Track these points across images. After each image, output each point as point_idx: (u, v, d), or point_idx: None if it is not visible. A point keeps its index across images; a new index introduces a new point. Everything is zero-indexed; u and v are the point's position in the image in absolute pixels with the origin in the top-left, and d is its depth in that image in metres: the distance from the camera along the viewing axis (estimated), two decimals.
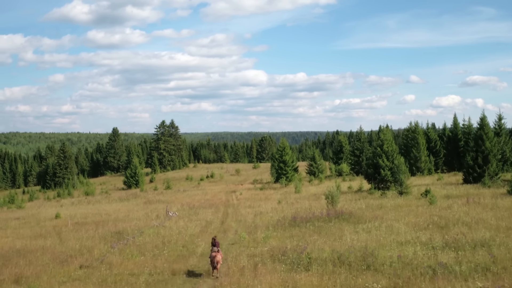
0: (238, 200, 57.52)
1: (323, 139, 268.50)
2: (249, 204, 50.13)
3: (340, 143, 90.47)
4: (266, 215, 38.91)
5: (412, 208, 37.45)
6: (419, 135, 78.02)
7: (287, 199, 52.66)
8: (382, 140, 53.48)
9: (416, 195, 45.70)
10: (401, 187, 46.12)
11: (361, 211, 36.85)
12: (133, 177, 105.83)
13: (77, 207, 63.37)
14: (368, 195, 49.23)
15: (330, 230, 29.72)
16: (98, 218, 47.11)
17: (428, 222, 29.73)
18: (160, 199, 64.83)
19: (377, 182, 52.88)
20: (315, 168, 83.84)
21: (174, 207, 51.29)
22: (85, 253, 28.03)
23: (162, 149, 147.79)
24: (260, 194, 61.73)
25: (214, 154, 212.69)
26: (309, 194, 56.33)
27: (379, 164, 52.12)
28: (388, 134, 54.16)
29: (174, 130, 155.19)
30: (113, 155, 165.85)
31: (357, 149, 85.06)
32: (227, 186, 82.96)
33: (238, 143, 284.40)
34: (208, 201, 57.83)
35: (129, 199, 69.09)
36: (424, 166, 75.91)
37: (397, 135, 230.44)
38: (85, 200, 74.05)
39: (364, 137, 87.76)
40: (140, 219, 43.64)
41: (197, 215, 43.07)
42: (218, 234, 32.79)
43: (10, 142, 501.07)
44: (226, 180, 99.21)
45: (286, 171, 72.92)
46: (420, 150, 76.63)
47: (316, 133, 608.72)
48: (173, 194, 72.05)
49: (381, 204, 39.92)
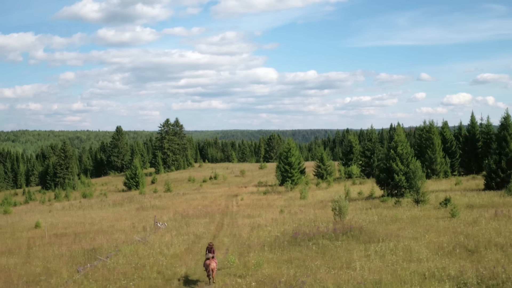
0: (238, 207, 52.85)
1: (333, 137, 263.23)
2: (248, 213, 45.38)
3: (350, 143, 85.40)
4: (264, 229, 34.10)
5: (432, 221, 32.53)
6: (434, 135, 72.88)
7: (290, 207, 47.87)
8: (395, 142, 48.46)
9: (434, 204, 40.75)
10: (417, 194, 41.13)
11: (373, 226, 31.96)
12: (133, 178, 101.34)
13: (65, 213, 58.94)
14: (380, 203, 44.30)
15: (337, 253, 24.92)
16: (81, 228, 42.56)
17: (453, 244, 24.81)
18: (155, 204, 60.23)
19: (390, 188, 47.92)
20: (323, 170, 78.92)
21: (165, 216, 46.62)
22: (43, 280, 23.43)
23: (166, 149, 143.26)
24: (262, 200, 56.98)
25: (221, 153, 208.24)
26: (315, 201, 51.47)
27: (392, 168, 47.15)
28: (401, 135, 49.13)
29: (179, 129, 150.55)
30: (117, 154, 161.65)
31: (367, 150, 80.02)
32: (230, 189, 78.26)
33: (246, 141, 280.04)
34: (205, 207, 53.17)
35: (122, 204, 64.55)
36: (440, 169, 70.78)
37: (409, 133, 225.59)
38: (77, 205, 69.63)
39: (375, 136, 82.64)
40: (124, 230, 39.03)
41: (188, 227, 38.37)
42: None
43: (18, 140, 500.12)
44: (229, 182, 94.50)
45: (292, 174, 68.00)
46: (436, 151, 71.51)
47: (326, 131, 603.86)
48: (171, 198, 67.45)
49: (396, 216, 34.98)
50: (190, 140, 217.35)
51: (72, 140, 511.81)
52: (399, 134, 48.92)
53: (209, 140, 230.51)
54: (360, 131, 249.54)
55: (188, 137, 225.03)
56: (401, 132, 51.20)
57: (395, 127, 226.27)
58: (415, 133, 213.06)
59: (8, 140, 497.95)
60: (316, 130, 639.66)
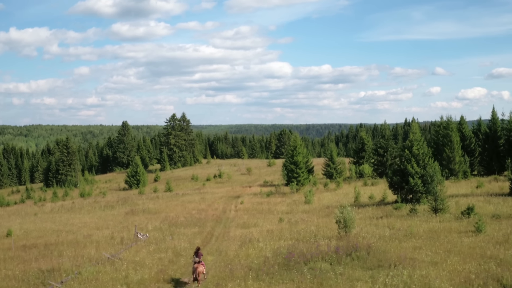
0: (236, 211, 47.99)
1: (346, 132, 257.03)
2: (244, 221, 40.42)
3: (362, 140, 79.83)
4: (256, 245, 29.08)
5: (454, 237, 27.38)
6: (453, 132, 67.27)
7: (292, 214, 42.86)
8: (411, 141, 43.07)
9: (455, 213, 35.49)
10: (435, 201, 35.88)
11: (383, 243, 26.85)
12: (134, 176, 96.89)
13: (50, 217, 54.41)
14: (393, 211, 39.09)
15: (336, 283, 19.91)
16: (54, 238, 37.88)
17: (483, 274, 19.66)
18: (148, 207, 55.47)
19: (405, 192, 42.63)
20: (333, 169, 73.62)
21: (152, 224, 41.77)
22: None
23: (172, 145, 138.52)
24: (264, 204, 51.97)
25: (232, 149, 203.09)
26: (321, 206, 46.33)
27: (407, 170, 41.83)
28: (417, 133, 43.70)
29: (186, 124, 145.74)
30: (123, 150, 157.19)
31: (380, 147, 74.53)
32: (233, 189, 73.36)
33: (257, 136, 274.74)
34: (200, 212, 48.33)
35: (114, 207, 59.90)
36: (459, 169, 65.21)
37: (424, 128, 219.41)
38: (69, 206, 65.13)
39: (389, 133, 77.05)
40: (100, 242, 34.25)
41: (171, 240, 33.50)
42: (183, 275, 23.63)
43: (31, 135, 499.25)
44: (234, 180, 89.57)
45: (298, 174, 62.69)
46: (454, 150, 65.94)
47: (340, 126, 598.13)
48: (167, 200, 62.70)
49: (411, 230, 29.79)
50: (199, 135, 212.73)
51: (84, 134, 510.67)
52: (415, 132, 43.54)
53: (219, 135, 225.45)
54: (374, 126, 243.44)
55: (198, 132, 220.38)
56: (417, 129, 45.85)
57: (410, 122, 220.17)
58: (431, 128, 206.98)
59: (20, 135, 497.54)
60: (330, 125, 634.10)
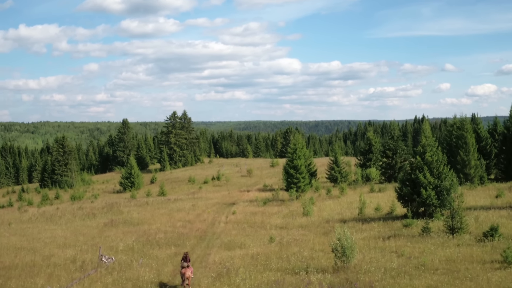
0: (226, 224, 42.79)
1: (354, 130, 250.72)
2: (230, 240, 35.10)
3: (369, 141, 74.06)
4: (233, 280, 23.71)
5: (477, 271, 21.98)
6: (468, 133, 61.62)
7: (286, 230, 37.49)
8: (423, 146, 37.46)
9: (476, 233, 30.05)
10: (452, 219, 30.37)
11: (390, 280, 21.44)
12: (128, 178, 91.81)
13: (22, 228, 49.35)
14: (402, 229, 33.60)
15: None
16: (11, 258, 32.72)
17: None
18: (130, 217, 50.29)
19: (416, 206, 37.10)
20: (337, 173, 68.11)
21: (124, 241, 36.50)
22: None
23: (172, 144, 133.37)
24: (258, 214, 46.64)
25: (237, 147, 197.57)
26: (320, 220, 40.88)
27: (419, 180, 36.29)
28: (430, 138, 38.00)
29: (187, 122, 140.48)
30: (123, 149, 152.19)
31: (389, 149, 68.93)
32: (229, 194, 68.12)
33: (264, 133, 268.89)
34: (185, 225, 43.16)
35: (96, 215, 54.76)
36: (475, 173, 59.57)
37: (434, 126, 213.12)
38: (48, 213, 60.08)
39: (398, 133, 71.25)
40: (56, 267, 29.08)
41: (139, 266, 28.22)
42: None
43: (38, 131, 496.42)
44: (233, 183, 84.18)
45: (298, 179, 57.08)
46: (469, 153, 60.31)
47: (349, 122, 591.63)
48: (156, 208, 57.56)
49: (424, 260, 24.35)
50: (203, 133, 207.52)
51: (92, 131, 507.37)
52: (428, 136, 37.90)
53: (224, 133, 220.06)
54: (383, 123, 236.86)
55: (202, 130, 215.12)
56: (429, 132, 40.18)
57: (420, 120, 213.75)
58: (441, 127, 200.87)
59: (27, 131, 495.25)
60: (339, 121, 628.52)
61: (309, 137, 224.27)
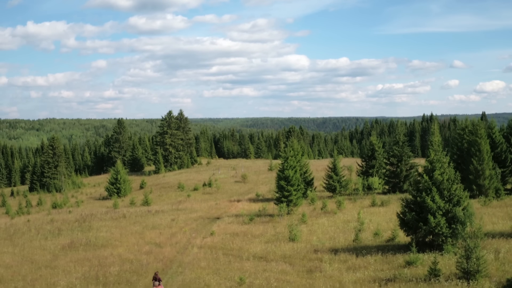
0: (199, 249, 36.63)
1: (361, 128, 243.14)
2: (195, 276, 28.71)
3: (372, 147, 67.10)
4: None
5: None
6: (482, 139, 54.88)
7: (265, 262, 31.07)
8: (431, 161, 30.69)
9: (497, 278, 23.69)
10: (467, 260, 23.87)
11: None
12: (114, 184, 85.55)
13: None
14: (404, 267, 27.09)
15: None
16: None
17: None
18: (97, 237, 43.92)
19: (423, 235, 30.51)
20: (336, 182, 61.52)
21: (65, 279, 30.17)
22: None
23: (168, 145, 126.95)
24: (239, 236, 40.23)
25: (238, 147, 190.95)
26: (308, 248, 34.30)
27: (426, 204, 29.69)
28: (440, 152, 31.12)
29: (183, 123, 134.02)
30: (118, 149, 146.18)
31: (393, 156, 62.29)
32: (217, 205, 61.78)
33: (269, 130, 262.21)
34: (151, 250, 36.87)
35: (61, 232, 48.36)
36: (489, 185, 52.90)
37: (443, 125, 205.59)
38: (12, 228, 53.73)
39: (403, 138, 64.37)
40: None
41: None
42: None
43: (43, 129, 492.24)
44: (224, 191, 77.58)
45: (289, 192, 50.33)
46: (484, 161, 53.62)
47: (357, 119, 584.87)
48: (130, 223, 51.29)
49: None
50: (204, 132, 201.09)
51: (97, 128, 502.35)
52: (437, 149, 31.09)
53: (225, 132, 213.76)
54: (390, 122, 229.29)
55: (203, 129, 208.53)
56: (439, 142, 33.46)
57: (428, 118, 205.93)
58: (450, 125, 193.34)
59: (32, 129, 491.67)
60: (347, 118, 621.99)
61: (313, 136, 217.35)
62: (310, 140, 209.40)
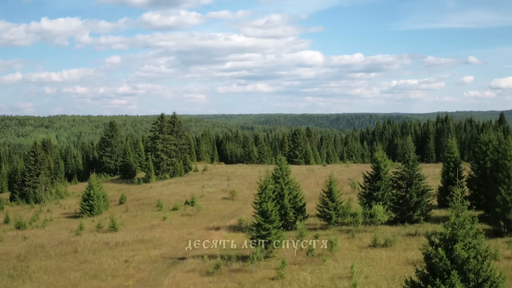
0: None
1: (372, 129, 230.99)
2: None
3: (377, 165, 56.34)
4: None
5: None
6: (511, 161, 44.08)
7: None
8: (453, 228, 20.21)
9: None
10: None
11: None
12: (86, 200, 75.74)
13: None
14: None
15: None
16: None
17: None
18: None
19: None
20: (332, 209, 51.16)
21: None
22: None
23: (159, 151, 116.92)
24: None
25: (242, 149, 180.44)
26: None
27: None
28: (465, 216, 20.62)
29: (176, 126, 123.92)
30: (110, 154, 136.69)
31: (401, 178, 51.76)
32: (190, 235, 51.82)
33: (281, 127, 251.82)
34: None
35: None
36: None
37: (459, 126, 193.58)
38: None
39: (414, 155, 53.41)
40: None
41: None
42: None
43: (52, 126, 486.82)
44: (206, 212, 67.07)
45: (267, 231, 40.04)
46: None
47: (371, 116, 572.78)
48: (72, 264, 41.48)
49: None
50: (206, 133, 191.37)
51: (107, 126, 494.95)
52: (459, 207, 20.70)
53: (228, 134, 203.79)
54: (403, 123, 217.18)
55: (205, 131, 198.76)
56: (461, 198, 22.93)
57: (444, 118, 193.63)
58: (466, 126, 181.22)
59: (41, 126, 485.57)
60: (361, 114, 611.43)
61: (321, 138, 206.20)
62: (318, 142, 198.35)
